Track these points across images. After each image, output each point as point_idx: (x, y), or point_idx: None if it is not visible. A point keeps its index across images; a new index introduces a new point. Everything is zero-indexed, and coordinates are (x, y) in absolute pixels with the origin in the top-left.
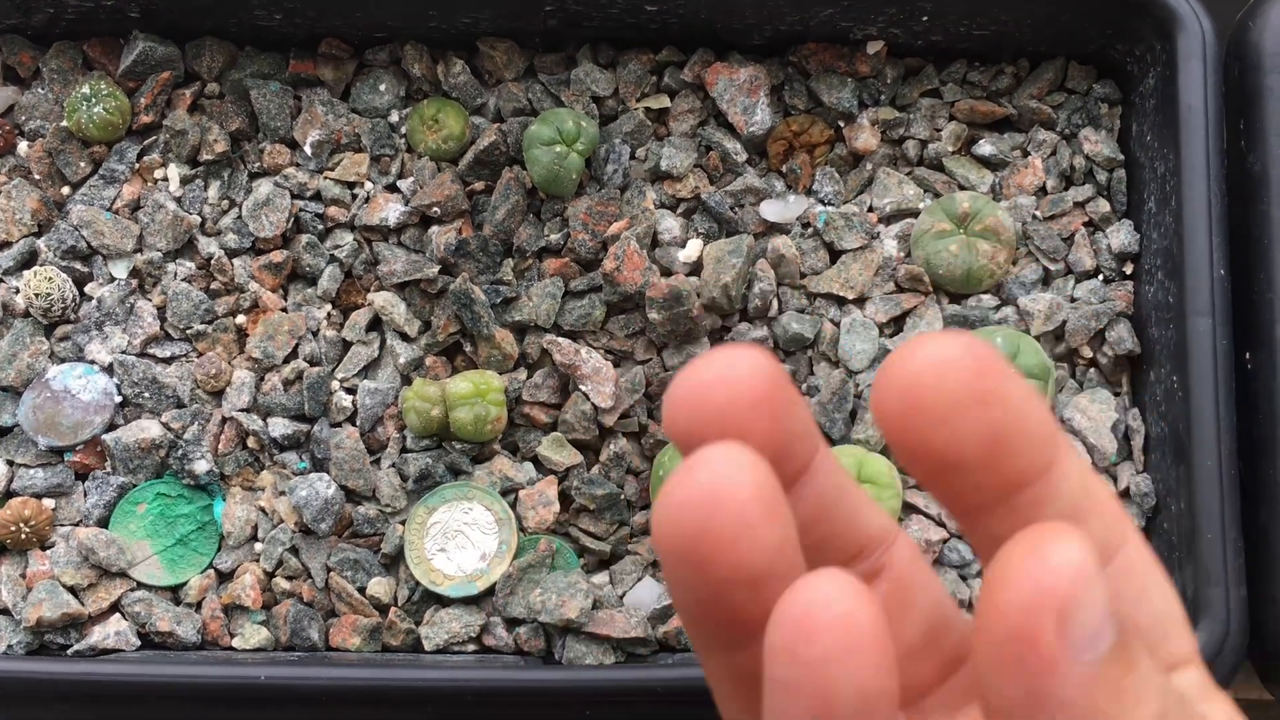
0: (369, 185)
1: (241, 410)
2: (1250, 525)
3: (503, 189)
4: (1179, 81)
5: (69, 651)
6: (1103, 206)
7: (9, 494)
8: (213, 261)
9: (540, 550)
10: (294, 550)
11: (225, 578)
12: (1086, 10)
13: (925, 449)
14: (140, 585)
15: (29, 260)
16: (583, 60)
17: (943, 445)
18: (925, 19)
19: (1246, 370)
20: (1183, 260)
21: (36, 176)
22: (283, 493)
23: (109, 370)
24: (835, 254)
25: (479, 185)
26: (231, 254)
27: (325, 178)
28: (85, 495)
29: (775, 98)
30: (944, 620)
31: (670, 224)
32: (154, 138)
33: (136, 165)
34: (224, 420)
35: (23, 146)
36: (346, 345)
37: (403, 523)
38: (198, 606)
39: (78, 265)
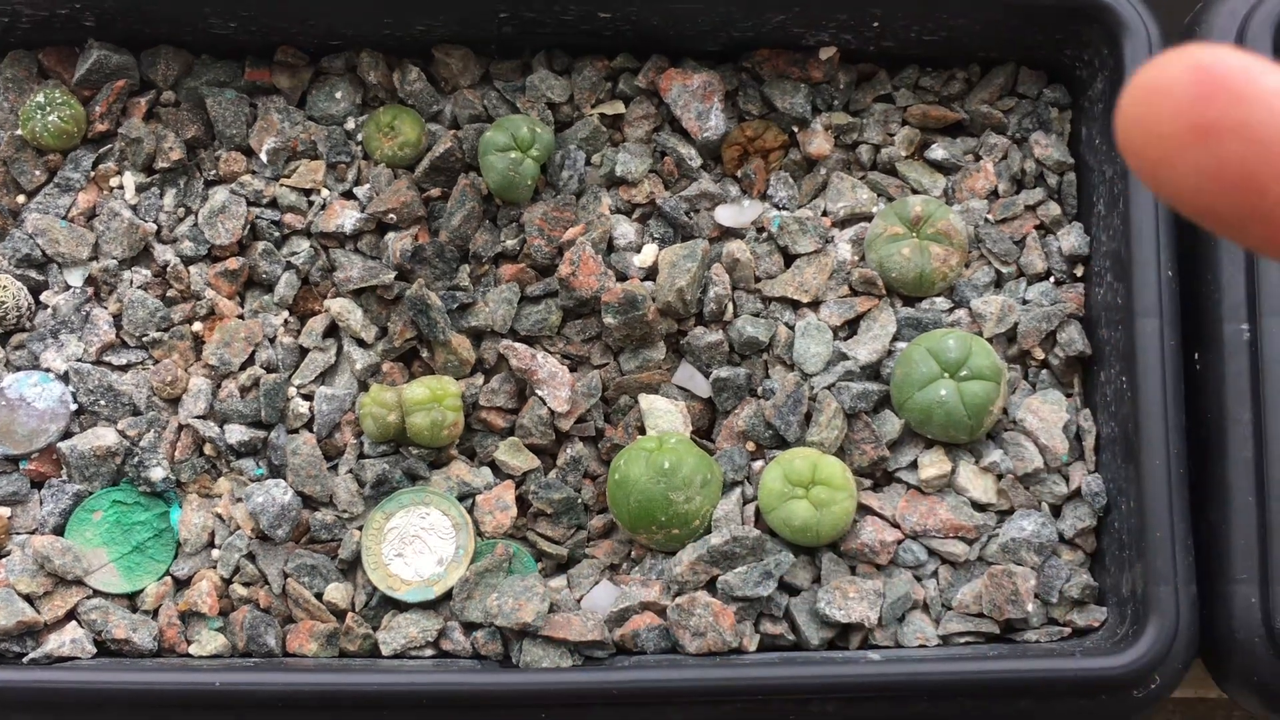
0: (325, 192)
1: (198, 417)
2: (1200, 524)
3: (458, 195)
4: (1126, 86)
5: (25, 659)
6: (1053, 210)
7: None
8: (169, 269)
9: (497, 554)
10: (251, 557)
11: (182, 585)
12: (1035, 16)
13: (1165, 192)
14: (96, 593)
15: None
16: (538, 67)
17: (1173, 191)
18: (876, 25)
19: (1195, 370)
20: (1130, 262)
21: None
22: (239, 499)
23: (64, 378)
24: (790, 258)
25: (435, 192)
26: (188, 261)
27: (281, 185)
28: (41, 503)
29: (729, 103)
30: None
31: (626, 229)
32: (109, 146)
33: (92, 173)
34: (180, 427)
35: None
36: (303, 352)
37: (360, 528)
38: (154, 614)
39: (33, 273)
